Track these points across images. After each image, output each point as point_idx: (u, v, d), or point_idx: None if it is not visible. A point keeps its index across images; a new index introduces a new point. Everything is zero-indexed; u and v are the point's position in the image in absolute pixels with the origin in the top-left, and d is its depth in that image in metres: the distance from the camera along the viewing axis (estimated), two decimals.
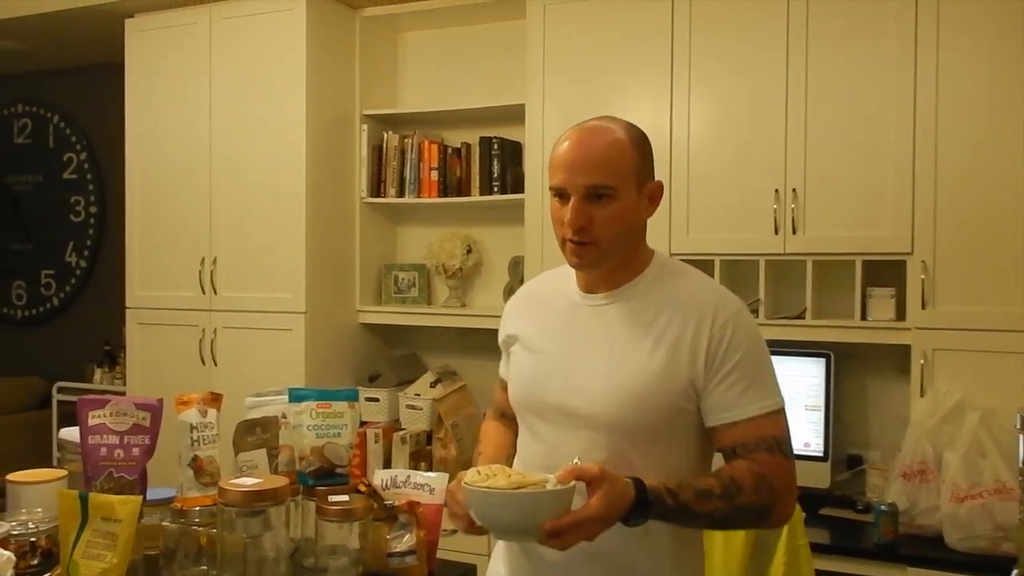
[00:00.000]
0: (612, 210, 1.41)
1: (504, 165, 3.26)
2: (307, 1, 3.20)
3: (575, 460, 1.31)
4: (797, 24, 2.68)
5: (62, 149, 4.60)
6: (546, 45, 3.04)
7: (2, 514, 1.78)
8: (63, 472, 1.86)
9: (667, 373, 1.40)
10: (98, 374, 4.01)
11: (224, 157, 3.36)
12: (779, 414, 1.42)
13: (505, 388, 1.62)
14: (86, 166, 4.53)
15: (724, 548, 1.90)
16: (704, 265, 2.81)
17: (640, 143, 1.46)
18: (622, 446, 1.41)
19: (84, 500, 1.49)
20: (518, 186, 3.20)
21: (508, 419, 1.65)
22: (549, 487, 1.25)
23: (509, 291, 3.21)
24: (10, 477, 1.84)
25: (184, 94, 3.46)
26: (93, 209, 4.51)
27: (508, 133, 3.29)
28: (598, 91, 2.95)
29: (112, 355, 4.00)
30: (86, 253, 4.53)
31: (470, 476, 1.30)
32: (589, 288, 1.51)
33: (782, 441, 1.41)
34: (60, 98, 4.62)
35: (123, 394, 3.64)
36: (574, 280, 1.53)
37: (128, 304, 3.60)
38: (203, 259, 3.40)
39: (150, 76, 3.54)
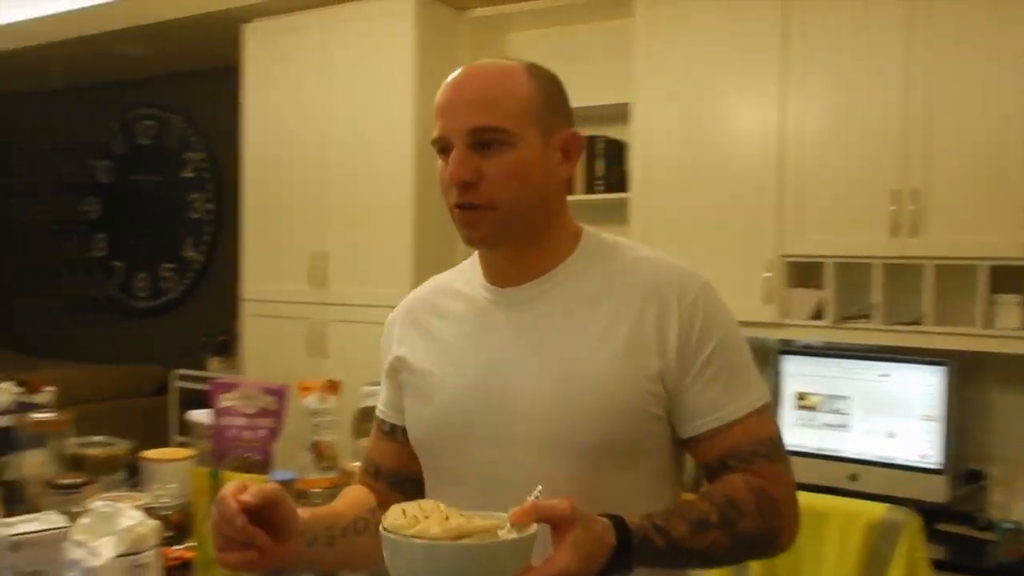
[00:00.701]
0: (507, 160, 1.08)
1: (608, 164, 3.26)
2: (415, 3, 3.29)
3: (536, 492, 0.95)
4: (917, 14, 2.59)
5: (182, 149, 4.82)
6: (654, 43, 3.03)
7: (138, 489, 1.89)
8: (192, 451, 1.96)
9: (627, 371, 1.08)
10: (214, 363, 4.19)
11: (336, 156, 3.47)
12: (767, 409, 1.13)
13: (388, 432, 1.26)
14: (204, 165, 4.74)
15: (838, 554, 1.86)
16: (815, 268, 2.76)
17: (546, 82, 1.14)
18: (580, 473, 1.07)
19: (215, 478, 1.57)
20: (621, 185, 3.20)
21: (382, 479, 1.26)
22: (504, 534, 0.89)
23: None
24: (144, 455, 1.95)
25: (298, 95, 3.58)
26: (210, 206, 4.71)
27: (612, 132, 3.29)
28: (706, 89, 2.92)
29: (227, 345, 4.17)
30: (203, 248, 4.74)
31: (392, 518, 0.90)
32: (500, 280, 1.16)
33: (779, 443, 1.13)
34: (181, 101, 4.84)
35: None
36: (480, 274, 1.19)
37: (243, 296, 3.75)
38: (315, 254, 3.51)
39: (266, 79, 3.68)
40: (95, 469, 1.92)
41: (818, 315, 2.77)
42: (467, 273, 1.22)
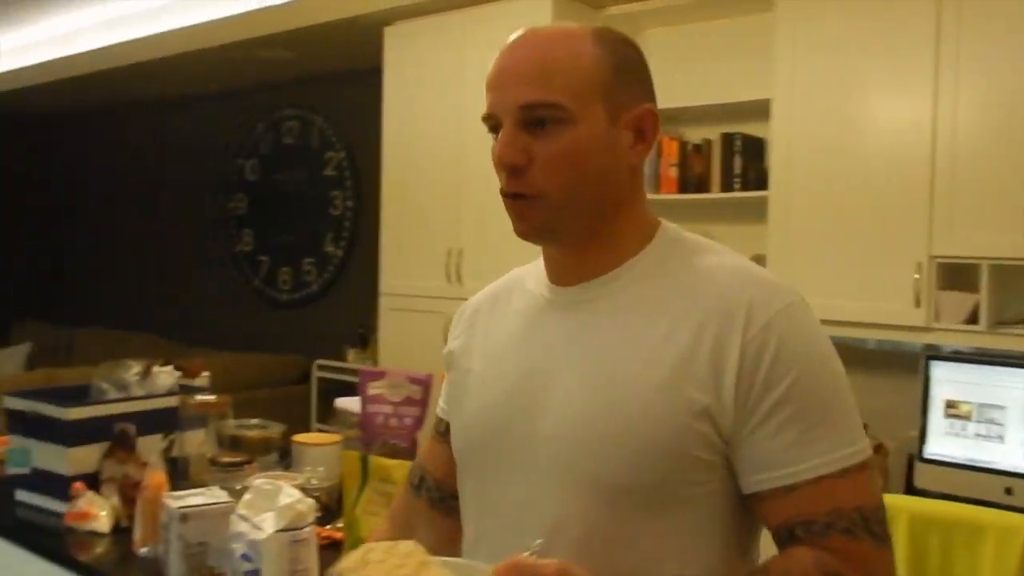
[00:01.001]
0: (562, 142, 0.92)
1: (746, 161, 3.20)
2: (552, 2, 3.32)
3: (534, 545, 0.84)
4: None
5: (324, 148, 5.03)
6: (796, 37, 2.95)
7: (289, 470, 2.00)
8: (339, 436, 2.05)
9: (668, 402, 0.89)
10: (352, 354, 4.35)
11: (472, 155, 3.54)
12: (863, 470, 0.89)
13: (442, 433, 1.14)
14: (345, 164, 4.92)
15: (993, 569, 1.77)
16: (968, 270, 2.63)
17: (617, 49, 0.96)
18: (598, 513, 0.91)
19: (365, 462, 1.64)
20: (760, 183, 3.13)
21: (424, 492, 1.15)
22: None
23: None
24: (295, 439, 2.06)
25: (437, 95, 3.68)
26: (350, 203, 4.89)
27: (750, 129, 3.22)
28: (851, 82, 2.82)
29: (364, 337, 4.33)
30: (343, 243, 4.93)
31: (349, 561, 0.82)
32: (560, 278, 1.01)
33: (870, 516, 0.88)
34: (324, 102, 5.05)
35: None
36: (544, 271, 1.04)
37: (381, 291, 3.88)
38: (450, 251, 3.60)
39: (406, 79, 3.79)
40: (251, 450, 2.04)
41: (972, 319, 2.64)
42: (540, 268, 1.06)
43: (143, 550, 1.72)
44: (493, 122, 0.97)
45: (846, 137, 2.83)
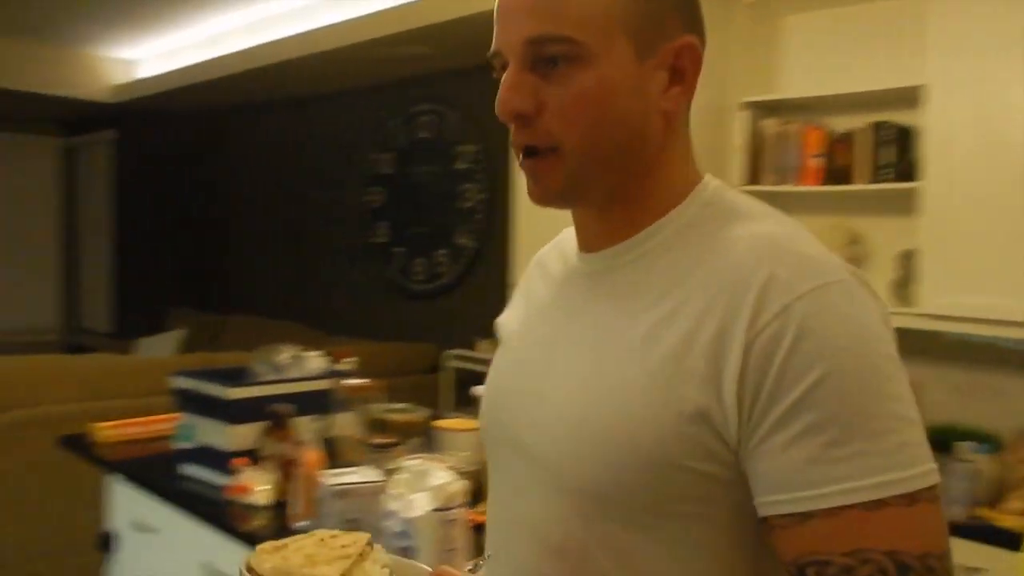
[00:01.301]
0: (578, 84, 0.76)
1: (897, 151, 3.07)
2: None
3: (480, 560, 0.80)
4: None
5: (457, 142, 5.13)
6: (950, 19, 2.80)
7: (432, 453, 2.06)
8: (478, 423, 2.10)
9: (656, 399, 0.73)
10: (483, 345, 4.43)
11: None
12: (912, 505, 0.67)
13: None
14: (478, 157, 5.01)
15: None
16: None
17: None
18: (587, 527, 0.77)
19: None
20: (911, 174, 3.00)
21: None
22: None
23: (897, 286, 3.02)
24: (437, 424, 2.12)
25: None
26: (482, 196, 4.97)
27: (901, 117, 3.08)
28: (1016, 67, 2.66)
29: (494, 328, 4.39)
30: (475, 235, 5.02)
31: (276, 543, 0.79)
32: (586, 242, 0.87)
33: (912, 566, 0.66)
34: (457, 96, 5.15)
35: None
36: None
37: (510, 282, 3.93)
38: None
39: None
40: (396, 433, 2.12)
41: None
42: None
43: (300, 523, 1.81)
44: (499, 60, 0.81)
45: (1007, 125, 2.67)
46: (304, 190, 6.33)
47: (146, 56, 6.54)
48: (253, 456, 2.09)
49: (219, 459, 2.09)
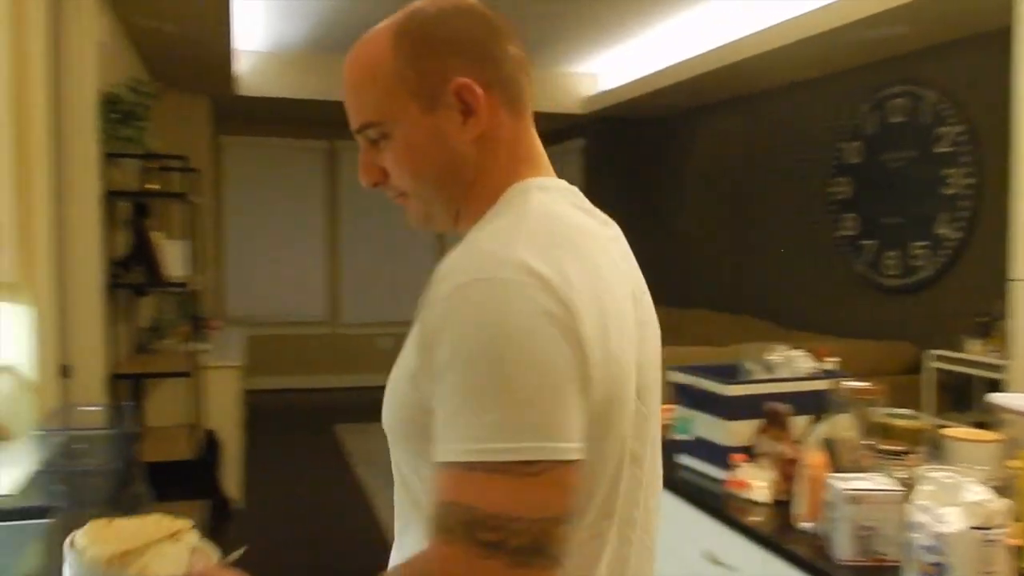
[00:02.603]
0: (394, 152, 0.98)
1: None
2: None
3: (235, 554, 0.99)
4: None
5: (935, 124, 4.71)
6: None
7: (941, 464, 1.93)
8: (999, 436, 1.91)
9: (400, 365, 0.95)
10: (974, 345, 4.02)
11: None
12: (499, 473, 0.80)
13: None
14: (961, 139, 4.55)
15: None
16: None
17: (418, 36, 0.96)
18: (396, 457, 1.00)
19: None
20: None
21: None
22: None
23: None
24: (948, 432, 1.98)
25: None
26: (969, 181, 4.50)
27: None
28: None
29: (987, 327, 3.96)
30: (960, 225, 4.56)
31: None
32: None
33: (476, 519, 0.80)
34: (936, 74, 4.72)
35: (999, 367, 3.59)
36: None
37: (1012, 276, 3.50)
38: None
39: None
40: (901, 439, 2.02)
41: None
42: None
43: (805, 524, 1.82)
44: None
45: None
46: (754, 185, 6.30)
47: (605, 69, 7.03)
48: (749, 452, 2.14)
49: (716, 453, 2.18)
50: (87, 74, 3.35)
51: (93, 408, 3.05)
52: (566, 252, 0.89)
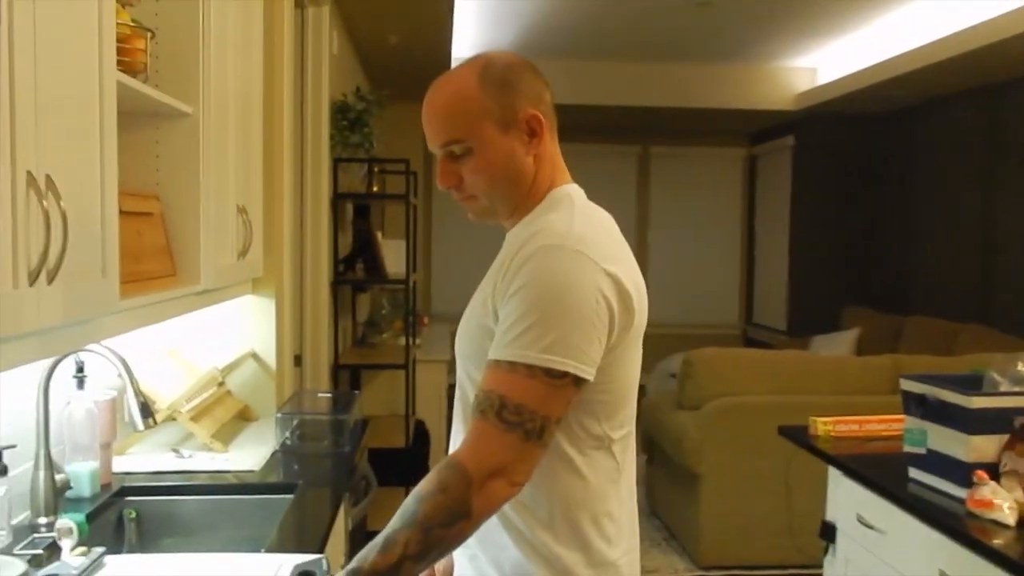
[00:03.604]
0: (474, 163, 1.29)
1: None
2: None
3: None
4: None
5: None
6: None
7: None
8: None
9: (480, 301, 1.29)
10: None
11: None
12: (530, 372, 1.16)
13: None
14: None
15: None
16: None
17: (497, 78, 1.29)
18: (461, 373, 1.34)
19: None
20: None
21: None
22: None
23: None
24: None
25: None
26: None
27: None
28: None
29: None
30: None
31: None
32: (508, 228, 1.39)
33: (508, 406, 1.15)
34: None
35: None
36: None
37: None
38: None
39: None
40: None
41: None
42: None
43: None
44: (435, 153, 1.34)
45: None
46: (996, 186, 5.78)
47: (825, 62, 6.70)
48: (993, 469, 1.98)
49: (955, 469, 2.03)
50: (322, 84, 3.60)
51: (324, 395, 3.28)
52: (605, 234, 1.29)
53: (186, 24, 1.95)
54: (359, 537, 2.44)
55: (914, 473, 2.22)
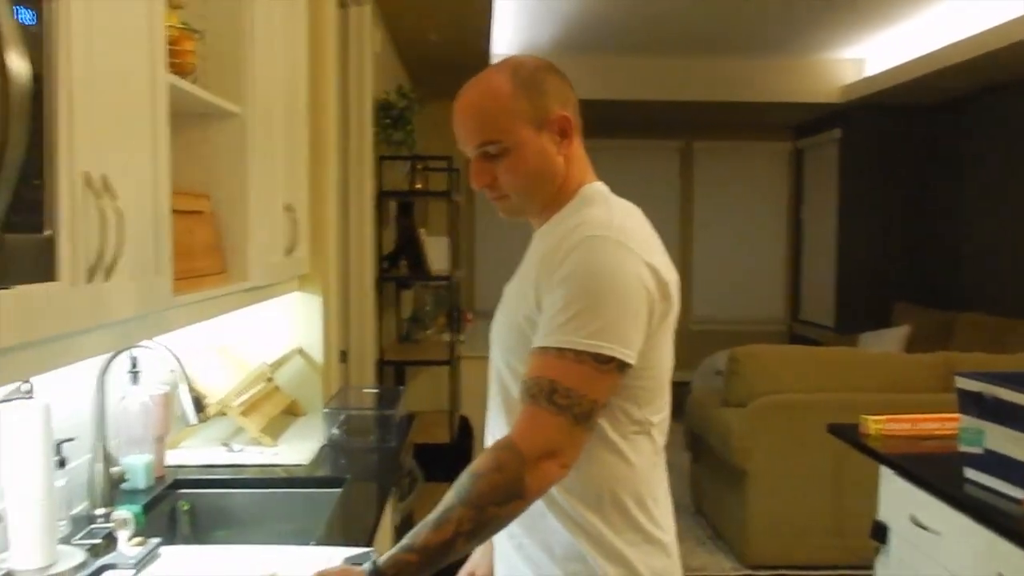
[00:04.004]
0: (508, 162, 1.33)
1: None
2: None
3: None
4: None
5: None
6: None
7: None
8: None
9: (521, 294, 1.33)
10: None
11: None
12: (578, 359, 1.20)
13: None
14: None
15: None
16: None
17: (528, 80, 1.33)
18: (499, 362, 1.38)
19: None
20: None
21: None
22: None
23: None
24: None
25: None
26: None
27: None
28: None
29: None
30: None
31: None
32: (537, 226, 1.44)
33: (558, 390, 1.19)
34: None
35: None
36: None
37: None
38: None
39: None
40: None
41: None
42: None
43: None
44: (467, 154, 1.37)
45: None
46: None
47: (873, 53, 6.58)
48: None
49: (1015, 469, 1.98)
50: (365, 82, 3.63)
51: (369, 390, 3.30)
52: (640, 227, 1.34)
53: (232, 25, 1.97)
54: (405, 532, 2.45)
55: (970, 473, 2.17)
